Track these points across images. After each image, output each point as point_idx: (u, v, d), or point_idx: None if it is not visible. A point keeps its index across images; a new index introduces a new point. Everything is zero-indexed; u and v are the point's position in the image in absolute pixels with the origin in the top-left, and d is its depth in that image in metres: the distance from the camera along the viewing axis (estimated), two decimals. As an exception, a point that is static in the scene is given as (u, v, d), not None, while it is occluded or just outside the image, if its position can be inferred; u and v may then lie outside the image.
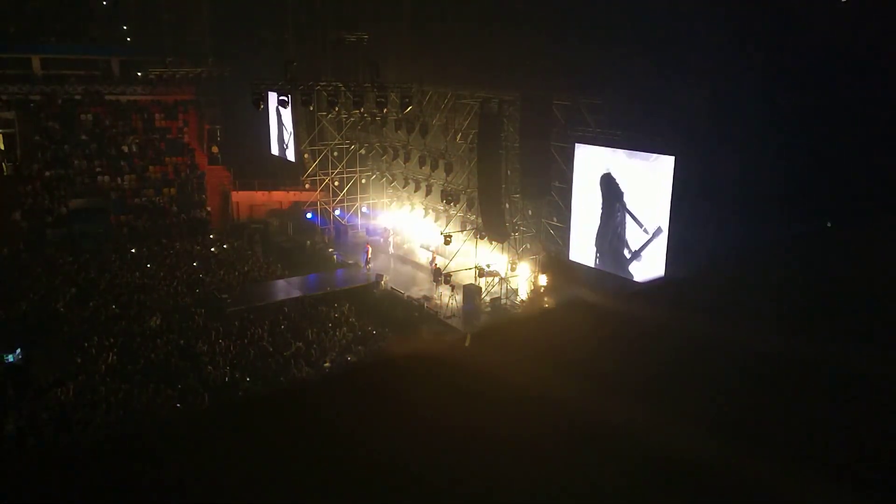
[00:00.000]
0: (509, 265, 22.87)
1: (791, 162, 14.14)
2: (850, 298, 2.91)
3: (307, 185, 31.19)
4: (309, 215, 30.78)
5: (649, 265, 17.38)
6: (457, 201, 25.15)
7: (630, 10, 17.68)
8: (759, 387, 2.16)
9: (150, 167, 32.75)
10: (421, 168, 26.93)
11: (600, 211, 19.00)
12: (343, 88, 26.05)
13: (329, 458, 1.65)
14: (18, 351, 16.66)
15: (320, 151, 30.12)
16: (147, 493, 1.55)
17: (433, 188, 26.49)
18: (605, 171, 18.58)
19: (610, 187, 18.53)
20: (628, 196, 18.06)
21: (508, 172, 22.42)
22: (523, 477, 1.65)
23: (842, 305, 2.83)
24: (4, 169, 32.97)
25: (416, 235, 28.98)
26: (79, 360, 16.48)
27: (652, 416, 1.87)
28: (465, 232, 24.75)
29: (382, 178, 30.19)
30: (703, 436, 1.82)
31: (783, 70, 14.56)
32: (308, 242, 28.73)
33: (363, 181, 31.10)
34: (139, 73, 36.45)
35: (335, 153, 30.15)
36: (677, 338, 2.38)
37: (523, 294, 22.76)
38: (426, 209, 27.95)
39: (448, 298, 22.25)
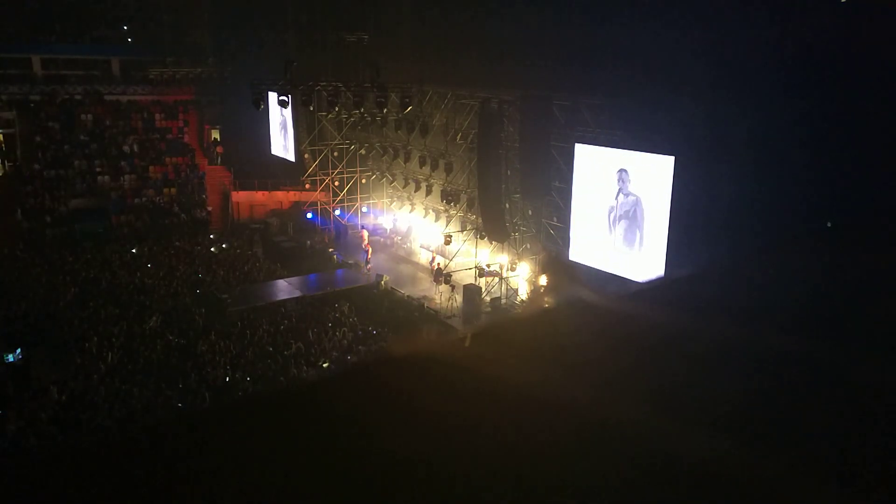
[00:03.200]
0: (509, 265, 22.88)
1: (791, 162, 14.14)
2: (851, 298, 2.91)
3: (307, 185, 31.20)
4: (309, 215, 30.78)
5: (649, 263, 17.38)
6: (457, 201, 25.16)
7: (630, 10, 17.69)
8: (759, 386, 2.16)
9: (151, 167, 32.76)
10: (421, 168, 26.95)
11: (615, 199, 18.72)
12: (343, 88, 26.05)
13: (328, 459, 1.65)
14: (18, 351, 16.66)
15: (320, 151, 30.13)
16: (147, 493, 1.55)
17: (433, 188, 26.50)
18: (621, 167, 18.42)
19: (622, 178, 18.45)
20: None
21: (508, 172, 22.42)
22: (524, 477, 1.65)
23: (843, 305, 2.83)
24: (5, 169, 32.99)
25: (415, 234, 28.99)
26: (79, 360, 16.47)
27: (653, 415, 1.88)
28: (465, 232, 24.76)
29: (382, 178, 30.20)
30: (704, 436, 1.82)
31: (782, 70, 14.55)
32: (308, 242, 28.73)
33: (363, 181, 31.10)
34: (139, 73, 36.43)
35: (335, 153, 30.15)
36: (677, 337, 2.38)
37: (523, 294, 22.76)
38: (426, 209, 27.96)
39: (448, 298, 22.25)
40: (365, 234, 28.74)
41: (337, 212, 30.68)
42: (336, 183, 30.36)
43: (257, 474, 1.57)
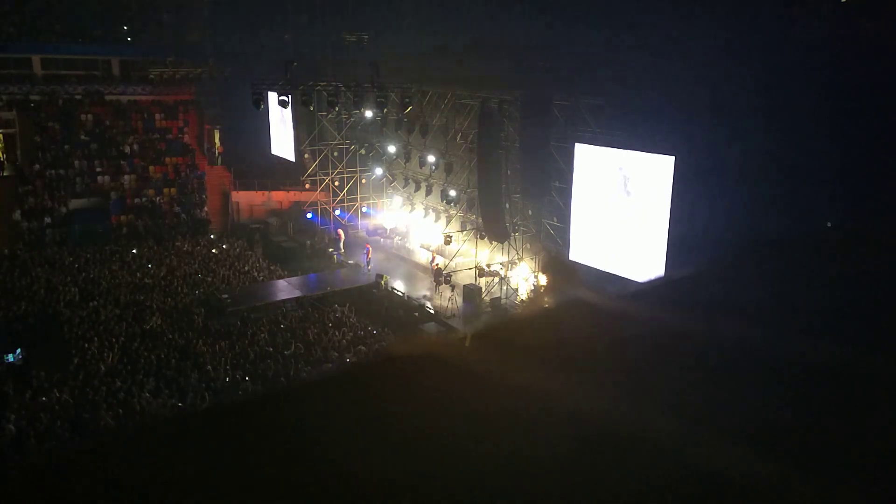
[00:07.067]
0: (509, 265, 22.88)
1: (791, 162, 14.13)
2: (852, 298, 2.90)
3: (307, 185, 31.20)
4: (309, 215, 30.78)
5: (649, 263, 17.37)
6: (457, 201, 25.15)
7: (630, 10, 17.69)
8: (759, 387, 2.15)
9: (151, 167, 32.74)
10: (421, 168, 26.94)
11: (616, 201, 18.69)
12: (343, 88, 26.05)
13: (328, 459, 1.65)
14: (18, 351, 16.65)
15: (320, 151, 30.13)
16: (147, 493, 1.55)
17: (433, 188, 26.49)
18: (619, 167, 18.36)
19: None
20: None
21: (508, 172, 22.42)
22: (523, 478, 1.65)
23: (844, 305, 2.82)
24: (5, 169, 32.98)
25: (414, 234, 29.00)
26: (78, 360, 16.46)
27: (654, 416, 1.87)
28: (465, 232, 24.75)
29: (382, 178, 30.20)
30: (705, 436, 1.81)
31: (783, 70, 14.54)
32: (308, 242, 28.73)
33: (363, 181, 31.09)
34: (139, 73, 36.44)
35: (335, 153, 30.15)
36: (678, 339, 2.38)
37: (523, 294, 22.75)
38: (426, 209, 27.96)
39: (448, 298, 22.24)
40: (341, 232, 28.76)
41: (337, 212, 30.68)
42: (336, 183, 30.36)
43: (257, 476, 1.57)
